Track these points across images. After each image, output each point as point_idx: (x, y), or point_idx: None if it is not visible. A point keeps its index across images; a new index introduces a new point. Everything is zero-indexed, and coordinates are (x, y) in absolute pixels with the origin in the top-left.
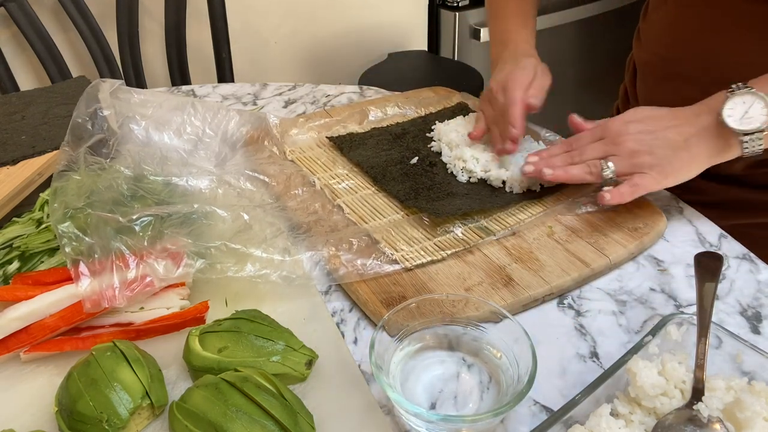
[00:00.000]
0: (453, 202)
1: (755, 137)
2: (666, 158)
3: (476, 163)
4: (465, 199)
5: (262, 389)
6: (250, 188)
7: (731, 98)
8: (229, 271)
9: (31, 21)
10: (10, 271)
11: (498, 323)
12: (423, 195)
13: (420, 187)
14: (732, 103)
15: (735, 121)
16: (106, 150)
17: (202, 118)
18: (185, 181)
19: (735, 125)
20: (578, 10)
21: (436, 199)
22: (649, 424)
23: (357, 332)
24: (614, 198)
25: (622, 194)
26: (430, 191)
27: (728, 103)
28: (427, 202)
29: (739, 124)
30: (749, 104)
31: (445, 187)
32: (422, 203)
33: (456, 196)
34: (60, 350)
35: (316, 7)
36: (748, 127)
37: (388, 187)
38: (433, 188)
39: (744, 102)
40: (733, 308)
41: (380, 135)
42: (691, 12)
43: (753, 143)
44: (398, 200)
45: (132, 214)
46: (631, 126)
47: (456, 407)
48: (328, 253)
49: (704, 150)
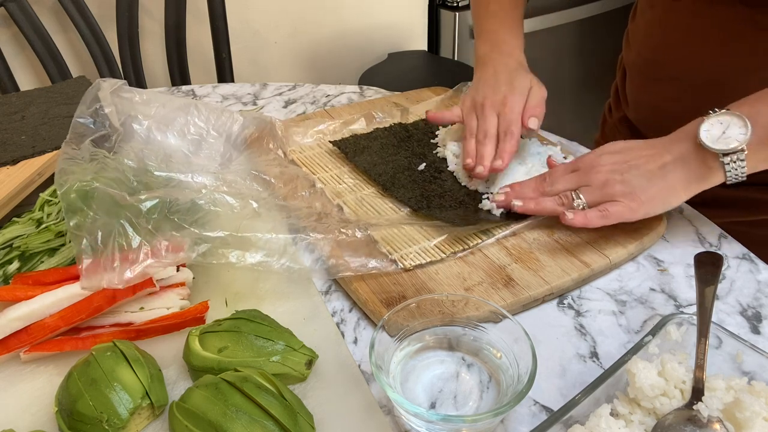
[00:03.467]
0: (466, 212)
1: (736, 158)
2: (640, 187)
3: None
4: (476, 212)
5: (262, 389)
6: (256, 188)
7: (707, 119)
8: (232, 257)
9: (31, 21)
10: (10, 271)
11: (498, 323)
12: (435, 203)
13: (431, 195)
14: (708, 124)
15: (713, 141)
16: (108, 144)
17: (205, 119)
18: (190, 177)
19: (713, 145)
20: (578, 10)
21: (449, 207)
22: (649, 424)
23: (357, 332)
24: (577, 219)
25: (588, 218)
26: (441, 199)
27: (704, 125)
28: (441, 211)
29: (717, 144)
30: (726, 124)
31: (455, 194)
32: (436, 212)
33: (468, 207)
34: (60, 350)
35: (316, 7)
36: (727, 146)
37: (398, 194)
38: (444, 196)
39: (721, 123)
40: (733, 308)
41: (384, 138)
42: (675, 16)
43: (735, 165)
44: (410, 208)
45: (138, 194)
46: (605, 157)
47: (456, 407)
48: (329, 249)
49: (682, 177)
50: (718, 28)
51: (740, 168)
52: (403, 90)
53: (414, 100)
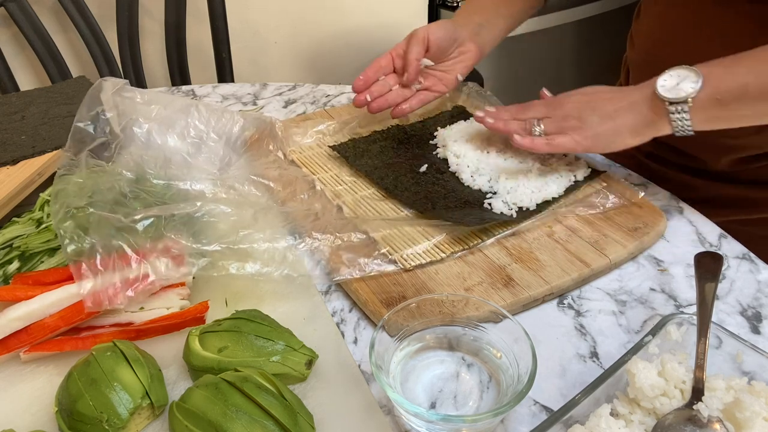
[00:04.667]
0: (473, 212)
1: (681, 109)
2: (590, 124)
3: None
4: (483, 211)
5: (262, 389)
6: (254, 192)
7: (669, 71)
8: (232, 268)
9: (31, 21)
10: (10, 271)
11: (498, 323)
12: (440, 204)
13: (435, 196)
14: (667, 75)
15: (665, 90)
16: (107, 153)
17: (206, 121)
18: (188, 184)
19: (664, 93)
20: (578, 10)
21: (454, 208)
22: (649, 424)
23: (357, 332)
24: (525, 142)
25: (534, 143)
26: (446, 200)
27: (664, 75)
28: (447, 212)
29: (668, 93)
30: (682, 77)
31: (459, 194)
32: (441, 213)
33: (473, 206)
34: (60, 350)
35: (317, 7)
36: (675, 96)
37: (401, 197)
38: (448, 197)
39: (679, 75)
40: (733, 308)
41: (383, 141)
42: (676, 13)
43: (680, 116)
44: (415, 210)
45: (134, 215)
46: (574, 96)
47: (456, 407)
48: (329, 252)
49: (631, 121)
50: (719, 24)
51: (685, 120)
52: None
53: None
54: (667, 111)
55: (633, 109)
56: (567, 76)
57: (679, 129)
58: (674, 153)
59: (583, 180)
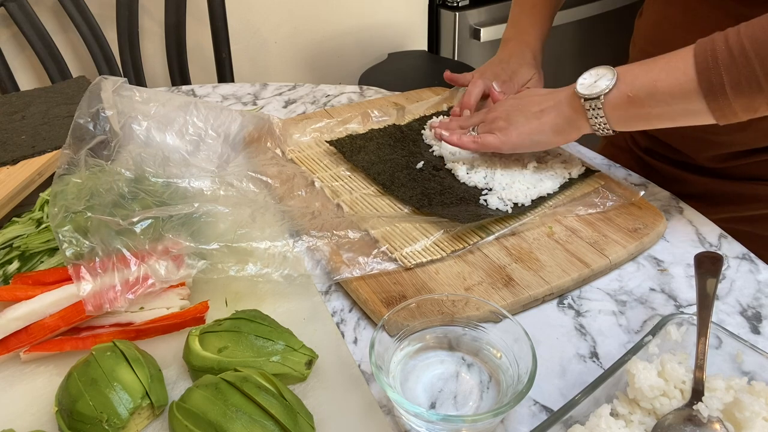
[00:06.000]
0: (468, 208)
1: (595, 105)
2: (516, 124)
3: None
4: (478, 207)
5: (262, 389)
6: (252, 189)
7: (590, 70)
8: (231, 270)
9: (31, 21)
10: (10, 271)
11: (498, 323)
12: (436, 200)
13: (431, 193)
14: (587, 74)
15: (583, 88)
16: (107, 152)
17: (204, 118)
18: (187, 182)
19: (581, 90)
20: (578, 10)
21: (450, 204)
22: (649, 424)
23: (357, 332)
24: (452, 139)
25: (461, 140)
26: (442, 196)
27: (584, 74)
28: (443, 208)
29: (585, 90)
30: (600, 75)
31: (455, 191)
32: (438, 209)
33: (468, 202)
34: (60, 350)
35: (317, 7)
36: (589, 93)
37: (398, 193)
38: (444, 193)
39: (597, 74)
40: (733, 308)
41: (380, 138)
42: (672, 12)
43: (595, 113)
44: (412, 207)
45: (132, 217)
46: (507, 101)
47: (456, 407)
48: (329, 251)
49: (553, 119)
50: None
51: (600, 117)
52: (403, 90)
53: (414, 100)
54: (584, 108)
55: (557, 109)
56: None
57: (597, 127)
58: (664, 147)
59: (577, 177)
